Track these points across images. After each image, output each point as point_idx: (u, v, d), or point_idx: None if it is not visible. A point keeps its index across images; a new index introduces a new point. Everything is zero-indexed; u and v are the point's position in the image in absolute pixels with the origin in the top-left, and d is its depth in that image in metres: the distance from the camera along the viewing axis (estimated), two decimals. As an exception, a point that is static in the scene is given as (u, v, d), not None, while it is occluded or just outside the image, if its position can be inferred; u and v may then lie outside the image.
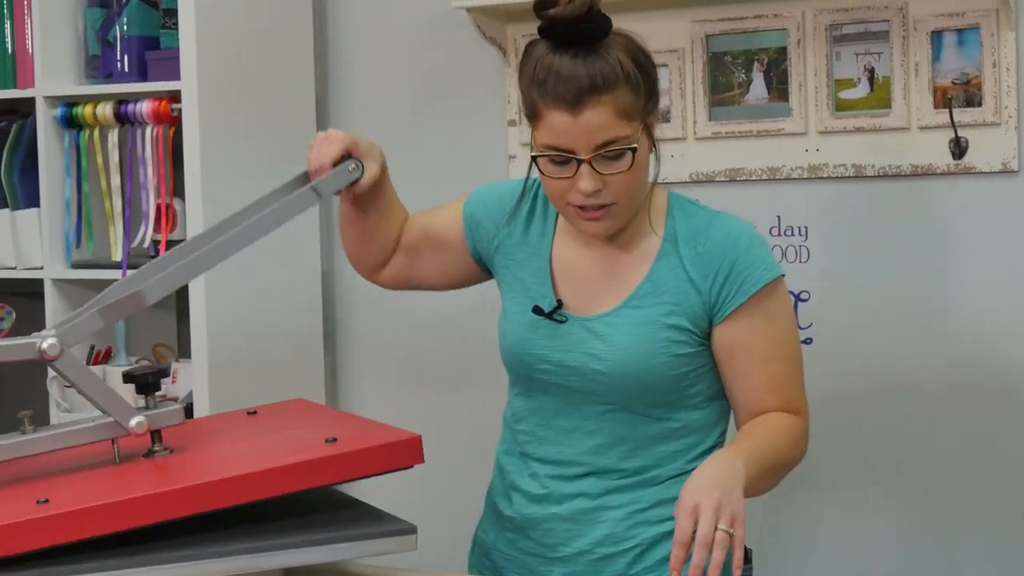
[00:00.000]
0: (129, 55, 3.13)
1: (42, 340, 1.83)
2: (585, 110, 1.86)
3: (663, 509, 1.97)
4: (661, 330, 1.95)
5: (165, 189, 3.05)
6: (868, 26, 2.83)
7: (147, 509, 1.68)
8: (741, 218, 2.01)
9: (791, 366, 2.00)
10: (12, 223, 3.20)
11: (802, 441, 2.00)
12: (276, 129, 3.21)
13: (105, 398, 1.86)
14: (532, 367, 2.02)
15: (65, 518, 1.64)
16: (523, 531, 2.05)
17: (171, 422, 1.89)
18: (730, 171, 2.98)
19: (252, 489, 1.73)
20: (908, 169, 2.82)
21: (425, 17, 3.28)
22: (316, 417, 2.07)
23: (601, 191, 1.90)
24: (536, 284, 2.05)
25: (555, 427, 2.02)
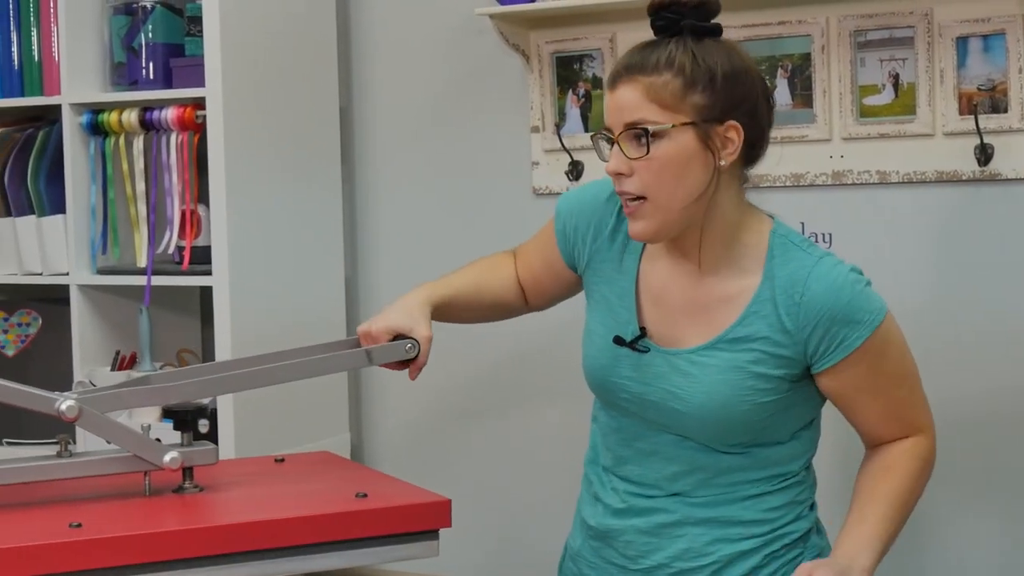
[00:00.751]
0: (154, 62, 3.14)
1: (61, 402, 1.86)
2: (619, 87, 1.88)
3: (743, 528, 1.97)
4: (748, 378, 1.91)
5: (190, 195, 3.06)
6: (893, 32, 2.82)
7: (178, 544, 1.71)
8: (843, 262, 1.95)
9: (904, 391, 1.99)
10: (38, 229, 3.22)
11: (930, 463, 2.02)
12: (299, 136, 3.22)
13: (134, 443, 1.89)
14: (614, 394, 2.01)
15: (97, 544, 1.67)
16: (606, 540, 2.05)
17: (205, 461, 1.92)
18: (754, 178, 2.96)
19: (282, 535, 1.76)
20: (933, 176, 2.81)
21: (448, 24, 3.29)
22: (344, 471, 2.11)
23: (627, 177, 1.88)
24: (621, 307, 2.02)
25: (635, 448, 2.01)
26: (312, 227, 3.26)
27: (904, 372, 1.99)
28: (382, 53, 3.41)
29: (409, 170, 3.39)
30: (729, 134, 1.88)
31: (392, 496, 1.87)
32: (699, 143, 1.87)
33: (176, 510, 1.85)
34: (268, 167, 3.11)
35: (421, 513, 1.84)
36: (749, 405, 1.91)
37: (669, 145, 1.85)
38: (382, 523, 1.81)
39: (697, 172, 1.87)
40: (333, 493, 1.92)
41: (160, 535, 1.70)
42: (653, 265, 2.02)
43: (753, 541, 1.97)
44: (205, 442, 1.95)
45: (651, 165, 1.85)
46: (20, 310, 3.37)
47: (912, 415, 2.00)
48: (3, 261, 3.28)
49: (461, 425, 3.32)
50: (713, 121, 1.87)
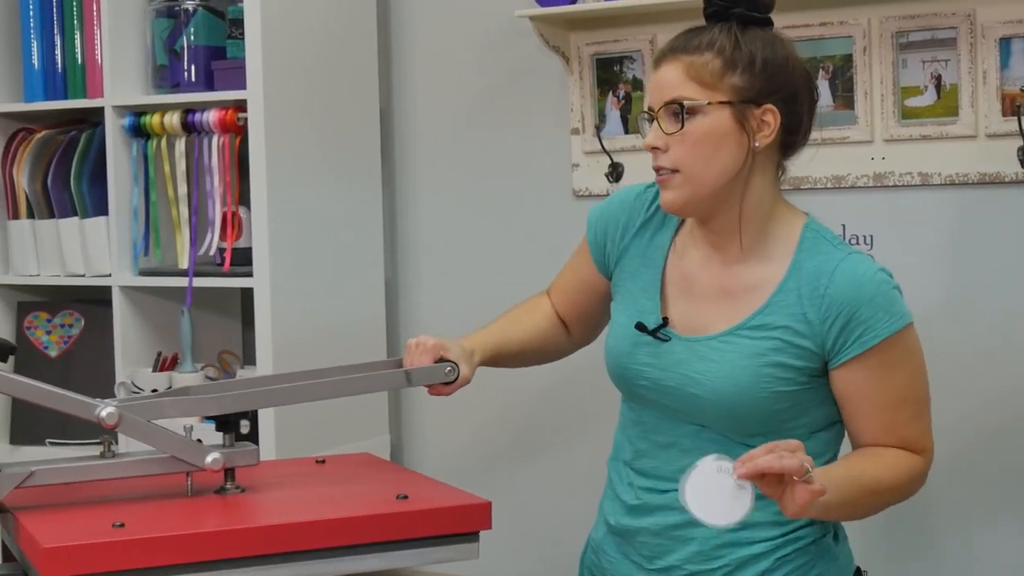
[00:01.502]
0: (196, 65, 3.16)
1: (101, 409, 1.87)
2: (662, 66, 1.94)
3: (752, 531, 1.97)
4: (766, 366, 1.92)
5: (231, 197, 3.08)
6: (935, 33, 2.81)
7: (220, 544, 1.72)
8: (873, 261, 1.96)
9: (912, 411, 1.96)
10: (81, 231, 3.24)
11: (914, 479, 1.97)
12: (340, 138, 3.23)
13: (176, 446, 1.90)
14: (632, 381, 2.03)
15: (139, 544, 1.68)
16: (624, 536, 2.07)
17: (246, 462, 1.93)
18: (794, 179, 2.95)
19: (323, 536, 1.77)
20: (975, 177, 2.80)
21: (488, 27, 3.29)
22: (385, 473, 2.11)
23: (663, 152, 1.92)
24: (645, 298, 2.05)
25: (653, 441, 2.03)
26: (352, 229, 3.27)
27: (915, 394, 1.96)
28: (422, 55, 3.42)
29: (449, 172, 3.40)
30: (766, 117, 1.92)
31: (433, 498, 1.88)
32: (735, 123, 1.91)
33: (218, 510, 1.86)
34: (309, 169, 3.12)
35: (461, 515, 1.84)
36: (767, 393, 1.92)
37: (704, 121, 1.90)
38: (423, 525, 1.81)
39: (731, 150, 1.91)
40: (374, 494, 1.93)
41: (202, 535, 1.71)
42: (682, 256, 2.05)
43: (764, 545, 1.97)
44: (247, 443, 1.96)
45: (685, 140, 1.90)
46: (63, 311, 3.40)
47: (913, 437, 1.96)
48: (46, 262, 3.31)
49: (500, 428, 3.32)
50: (750, 103, 1.91)
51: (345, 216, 3.24)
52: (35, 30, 3.31)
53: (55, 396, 1.90)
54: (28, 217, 3.32)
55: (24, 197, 3.32)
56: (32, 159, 3.30)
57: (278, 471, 2.10)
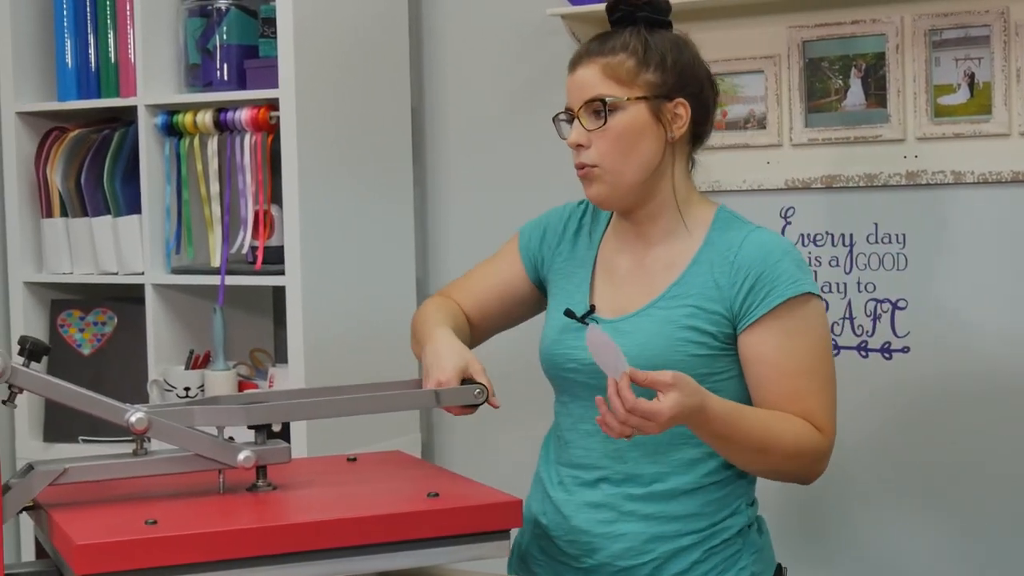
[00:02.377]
0: (228, 64, 3.17)
1: (131, 414, 1.88)
2: (579, 68, 2.08)
3: (679, 524, 2.05)
4: (680, 330, 2.03)
5: (263, 196, 3.08)
6: (968, 31, 2.80)
7: (252, 541, 1.72)
8: (782, 236, 2.11)
9: (814, 383, 2.02)
10: (114, 229, 3.26)
11: (816, 454, 2.02)
12: (372, 137, 3.24)
13: (207, 446, 1.91)
14: (561, 367, 2.13)
15: (172, 541, 1.68)
16: (552, 540, 2.13)
17: (278, 460, 1.94)
18: (826, 178, 2.95)
19: (355, 534, 1.77)
20: (1008, 176, 2.78)
21: (520, 25, 3.29)
22: (416, 471, 2.11)
23: (586, 148, 2.06)
24: (576, 291, 2.17)
25: (580, 431, 2.12)
26: (384, 227, 3.27)
27: (815, 364, 2.03)
28: (454, 54, 3.42)
29: (481, 171, 3.40)
30: (678, 110, 2.07)
31: (464, 496, 1.88)
32: (651, 116, 2.05)
33: (250, 508, 1.86)
34: (341, 167, 3.13)
35: (493, 513, 1.84)
36: (682, 356, 2.02)
37: (624, 117, 2.04)
38: (454, 523, 1.81)
39: (650, 142, 2.06)
40: (405, 492, 1.93)
41: (234, 532, 1.72)
42: (608, 249, 2.18)
43: (691, 537, 2.05)
44: (278, 441, 1.96)
45: (607, 135, 2.04)
46: (96, 309, 3.41)
47: (814, 409, 2.02)
48: (80, 261, 3.32)
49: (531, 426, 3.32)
50: (663, 98, 2.06)
51: (377, 214, 3.25)
52: (68, 29, 3.32)
53: (86, 399, 1.91)
54: (62, 216, 3.34)
55: (58, 196, 3.34)
56: (65, 158, 3.32)
57: (309, 469, 2.10)
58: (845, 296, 2.97)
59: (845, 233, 2.96)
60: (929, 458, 2.91)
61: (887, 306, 2.93)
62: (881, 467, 2.96)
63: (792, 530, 3.03)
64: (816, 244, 2.99)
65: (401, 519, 1.79)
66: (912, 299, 2.91)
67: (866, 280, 2.95)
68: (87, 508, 1.84)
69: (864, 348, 2.95)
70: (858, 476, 2.97)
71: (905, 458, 2.94)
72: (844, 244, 2.97)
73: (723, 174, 3.04)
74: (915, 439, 2.92)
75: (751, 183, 3.02)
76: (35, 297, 3.41)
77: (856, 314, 2.96)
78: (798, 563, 3.01)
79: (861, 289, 2.95)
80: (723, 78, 3.03)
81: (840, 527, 3.01)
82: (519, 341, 2.48)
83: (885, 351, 2.94)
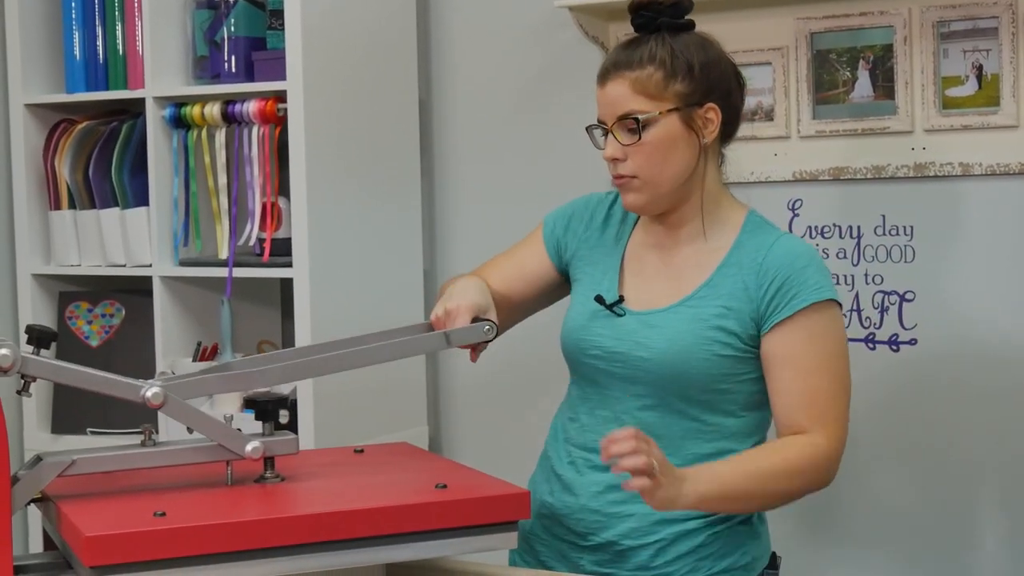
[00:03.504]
0: (236, 56, 3.17)
1: (147, 389, 1.89)
2: (608, 84, 2.12)
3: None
4: (709, 329, 2.08)
5: (271, 188, 3.09)
6: (976, 22, 2.79)
7: (260, 533, 1.72)
8: (809, 243, 2.17)
9: (830, 385, 2.07)
10: (122, 222, 3.26)
11: (819, 468, 2.05)
12: (379, 129, 3.24)
13: (217, 432, 1.91)
14: (584, 352, 2.16)
15: (180, 533, 1.69)
16: (558, 519, 2.16)
17: (286, 451, 1.94)
18: (834, 170, 2.95)
19: (363, 525, 1.77)
20: (1016, 168, 2.78)
21: (527, 17, 3.29)
22: (424, 462, 2.12)
23: (622, 161, 2.10)
24: (604, 279, 2.20)
25: (597, 416, 2.15)
26: (391, 219, 3.27)
27: (833, 368, 2.08)
28: (462, 46, 3.42)
29: (489, 163, 3.40)
30: (708, 115, 2.11)
31: (472, 487, 1.88)
32: (683, 126, 2.09)
33: (258, 499, 1.86)
34: (348, 160, 3.13)
35: (501, 504, 1.84)
36: (708, 355, 2.07)
37: (657, 130, 2.08)
38: (462, 514, 1.82)
39: (684, 151, 2.10)
40: (413, 484, 1.93)
41: (243, 524, 1.72)
42: (638, 244, 2.22)
43: (697, 521, 2.09)
44: (286, 432, 1.97)
45: (643, 149, 2.09)
46: (104, 301, 3.42)
47: (826, 412, 2.06)
48: (88, 253, 3.33)
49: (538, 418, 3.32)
50: (694, 105, 2.10)
51: (384, 206, 3.25)
52: (76, 21, 3.33)
53: (100, 380, 1.91)
54: (70, 208, 3.35)
55: (66, 188, 3.34)
56: (73, 150, 3.32)
57: (317, 460, 2.11)
58: (853, 288, 2.97)
59: (853, 225, 2.96)
60: (935, 449, 2.91)
61: (895, 298, 2.93)
62: (887, 458, 2.95)
63: (789, 520, 3.03)
64: (824, 236, 2.99)
65: (409, 510, 1.79)
66: (920, 291, 2.91)
67: (874, 272, 2.95)
68: (95, 500, 1.84)
69: (871, 340, 2.95)
70: (863, 467, 2.97)
71: (911, 450, 2.94)
72: (852, 236, 2.96)
73: (730, 166, 3.04)
74: (922, 430, 2.92)
75: (759, 175, 3.02)
76: (43, 289, 3.41)
77: (864, 306, 2.96)
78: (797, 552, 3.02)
79: (869, 281, 2.95)
80: (731, 70, 3.03)
81: (843, 519, 3.01)
82: (529, 332, 2.48)
83: (892, 343, 2.93)
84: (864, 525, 2.99)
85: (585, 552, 2.13)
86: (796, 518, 3.02)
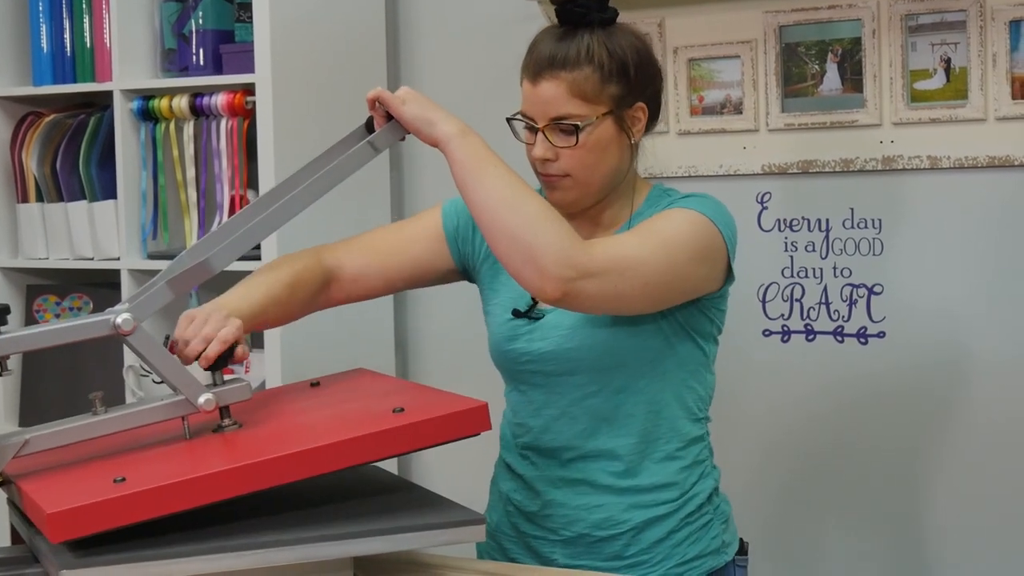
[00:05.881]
0: (204, 48, 3.16)
1: (116, 315, 1.86)
2: (542, 82, 2.06)
3: (655, 493, 2.09)
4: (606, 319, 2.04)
5: (239, 181, 3.08)
6: (944, 16, 2.80)
7: (223, 484, 1.69)
8: (710, 202, 2.05)
9: (638, 235, 1.98)
10: (90, 215, 3.25)
11: (561, 235, 1.90)
12: (348, 122, 3.20)
13: (176, 375, 1.89)
14: (516, 361, 2.14)
15: (143, 496, 1.66)
16: (527, 516, 2.15)
17: (239, 398, 1.91)
18: (803, 163, 2.96)
19: (325, 461, 1.74)
20: (985, 161, 2.79)
21: (497, 10, 3.29)
22: (380, 387, 2.08)
23: (553, 161, 2.05)
24: (518, 287, 2.10)
25: (545, 416, 2.13)
26: (360, 212, 3.26)
27: (653, 238, 1.98)
28: (431, 39, 3.42)
29: (457, 156, 3.39)
30: (637, 114, 2.08)
31: (430, 407, 1.84)
32: (615, 127, 2.06)
33: (217, 450, 1.82)
34: (317, 153, 3.10)
35: (460, 420, 1.79)
36: (628, 326, 2.03)
37: (592, 133, 2.03)
38: (422, 436, 1.78)
39: (616, 151, 2.07)
40: (371, 412, 1.89)
41: (204, 478, 1.68)
42: None
43: (668, 506, 2.09)
44: (238, 378, 1.94)
45: (577, 152, 2.04)
46: (72, 294, 3.41)
47: (614, 241, 1.99)
48: (55, 246, 3.31)
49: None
50: (625, 107, 2.06)
51: (353, 199, 3.24)
52: (44, 14, 3.31)
53: (69, 329, 1.88)
54: (37, 201, 3.33)
55: (33, 181, 3.33)
56: (41, 143, 3.30)
57: (273, 400, 2.06)
58: (821, 281, 2.98)
59: (821, 218, 2.97)
60: (904, 442, 2.92)
61: (863, 291, 2.94)
62: (855, 450, 2.97)
63: (756, 509, 3.04)
64: (792, 229, 3.00)
65: (370, 439, 1.76)
66: (888, 284, 2.91)
67: (842, 265, 2.95)
68: (55, 474, 1.81)
69: (840, 333, 2.96)
70: (831, 459, 2.98)
71: (879, 442, 2.95)
72: (820, 229, 2.97)
73: (699, 159, 3.05)
74: (890, 423, 2.93)
75: (727, 168, 3.02)
76: (10, 282, 3.40)
77: (832, 299, 2.97)
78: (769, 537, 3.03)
79: (837, 274, 2.96)
80: (699, 63, 3.03)
81: (807, 509, 3.02)
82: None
83: (861, 336, 2.94)
84: (830, 515, 3.00)
85: (557, 546, 2.13)
86: (766, 502, 3.03)
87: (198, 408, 1.88)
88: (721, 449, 2.23)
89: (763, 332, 3.03)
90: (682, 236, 2.00)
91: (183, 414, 1.89)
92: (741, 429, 3.03)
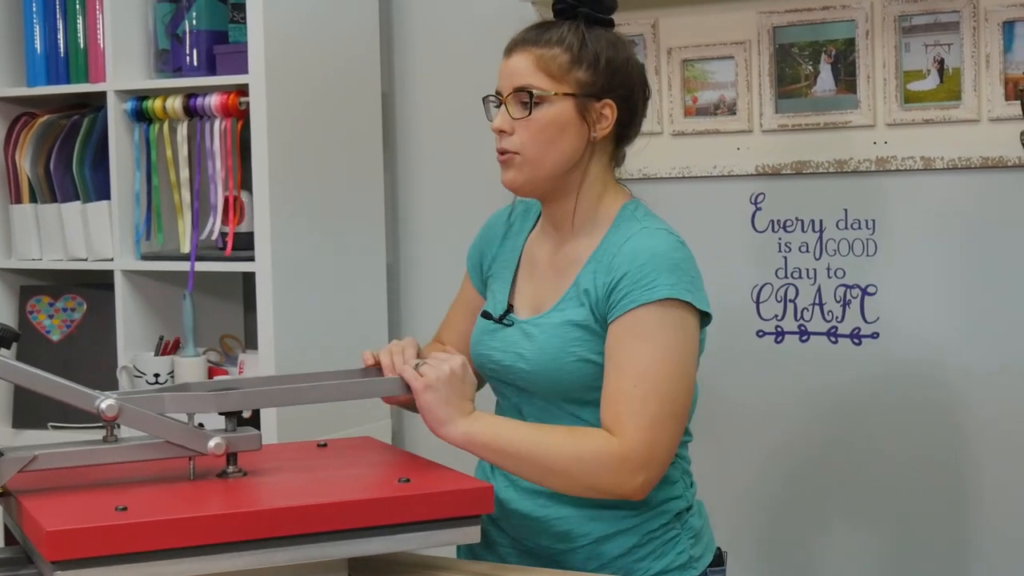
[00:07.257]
0: (198, 49, 3.16)
1: (101, 401, 1.88)
2: (513, 55, 2.09)
3: (616, 509, 2.06)
4: (573, 330, 2.04)
5: (233, 182, 3.08)
6: (938, 17, 2.81)
7: (222, 527, 1.71)
8: (672, 238, 2.04)
9: (639, 388, 1.96)
10: (83, 215, 3.24)
11: (599, 463, 1.95)
12: (342, 122, 3.23)
13: (177, 434, 1.90)
14: (483, 367, 2.17)
15: (142, 527, 1.68)
16: (496, 524, 2.15)
17: (248, 447, 1.93)
18: (796, 163, 2.96)
19: (327, 520, 1.77)
20: (978, 162, 2.80)
21: (490, 10, 3.29)
22: (387, 456, 2.12)
23: (509, 135, 2.07)
24: (499, 290, 2.19)
25: None
26: (354, 213, 3.27)
27: (650, 372, 1.96)
28: (424, 39, 3.42)
29: (452, 156, 3.40)
30: (604, 111, 2.08)
31: (435, 482, 1.88)
32: (576, 114, 2.06)
33: (220, 494, 1.86)
34: (311, 153, 3.12)
35: (464, 499, 1.84)
36: (575, 358, 2.04)
37: (550, 110, 2.05)
38: (426, 508, 1.81)
39: (571, 139, 2.07)
40: (376, 478, 1.93)
41: (205, 519, 1.71)
42: (534, 240, 2.20)
43: (629, 521, 2.07)
44: (249, 428, 1.96)
45: (530, 126, 2.05)
46: (65, 295, 3.40)
47: (623, 412, 1.97)
48: (49, 247, 3.31)
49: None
50: (592, 97, 2.06)
51: (347, 200, 3.24)
52: (38, 14, 3.31)
53: (56, 385, 1.90)
54: (31, 201, 3.33)
55: (27, 181, 3.32)
56: (34, 143, 3.30)
57: (280, 455, 2.10)
58: (815, 282, 2.98)
59: (815, 219, 2.97)
60: (898, 442, 2.92)
61: (856, 292, 2.94)
62: (849, 450, 2.97)
63: (750, 509, 3.04)
64: (786, 230, 3.00)
65: (373, 504, 1.79)
66: (881, 285, 2.92)
67: (836, 266, 2.96)
68: (57, 494, 1.83)
69: (834, 334, 2.97)
70: (825, 459, 2.98)
71: (873, 442, 2.95)
72: (814, 230, 2.97)
73: (693, 160, 3.05)
74: (883, 423, 2.94)
75: (721, 169, 3.03)
76: (4, 283, 3.39)
77: (826, 300, 2.97)
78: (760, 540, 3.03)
79: (831, 275, 2.96)
80: (693, 64, 3.03)
81: (802, 509, 3.02)
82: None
83: (855, 337, 2.95)
84: (825, 516, 3.01)
85: (524, 556, 2.12)
86: (760, 502, 3.03)
87: (208, 452, 1.90)
88: (715, 450, 2.24)
89: (757, 333, 3.04)
90: (675, 355, 1.98)
91: (191, 455, 1.91)
92: (734, 430, 3.03)
